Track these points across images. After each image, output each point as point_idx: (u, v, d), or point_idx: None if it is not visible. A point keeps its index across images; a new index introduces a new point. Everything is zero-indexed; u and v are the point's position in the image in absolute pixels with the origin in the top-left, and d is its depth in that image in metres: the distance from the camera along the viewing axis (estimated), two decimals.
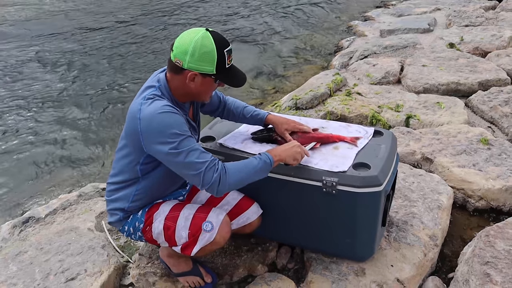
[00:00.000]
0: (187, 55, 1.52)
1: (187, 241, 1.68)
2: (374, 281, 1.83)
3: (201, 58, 1.53)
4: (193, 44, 1.51)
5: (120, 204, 1.74)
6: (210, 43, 1.52)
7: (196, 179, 1.54)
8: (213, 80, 1.60)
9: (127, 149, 1.66)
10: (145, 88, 1.63)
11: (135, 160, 1.65)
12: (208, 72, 1.56)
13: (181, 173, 1.57)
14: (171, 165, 1.56)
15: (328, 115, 3.41)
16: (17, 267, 2.07)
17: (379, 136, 1.95)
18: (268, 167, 1.64)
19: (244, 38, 6.24)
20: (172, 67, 1.59)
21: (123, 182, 1.72)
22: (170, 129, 1.50)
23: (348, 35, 5.86)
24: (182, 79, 1.58)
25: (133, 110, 1.58)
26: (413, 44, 4.79)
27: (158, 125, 1.50)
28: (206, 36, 1.53)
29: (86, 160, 3.68)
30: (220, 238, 1.67)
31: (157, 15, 7.43)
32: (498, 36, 4.60)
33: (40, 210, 2.56)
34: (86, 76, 5.28)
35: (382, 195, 1.69)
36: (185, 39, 1.54)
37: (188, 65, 1.54)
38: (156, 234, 1.72)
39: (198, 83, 1.58)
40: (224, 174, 1.55)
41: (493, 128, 3.14)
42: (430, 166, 2.67)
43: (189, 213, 1.71)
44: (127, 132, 1.63)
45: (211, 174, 1.53)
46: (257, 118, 1.98)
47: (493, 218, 2.34)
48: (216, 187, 1.54)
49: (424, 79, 3.76)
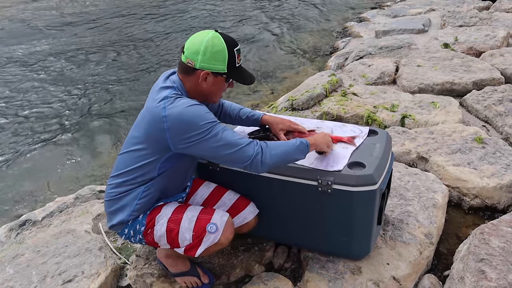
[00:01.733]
0: (199, 54, 1.57)
1: (191, 243, 1.68)
2: (371, 280, 1.84)
3: (212, 57, 1.58)
4: (205, 44, 1.57)
5: (126, 204, 1.71)
6: (220, 43, 1.58)
7: (238, 155, 1.57)
8: (224, 79, 1.64)
9: (146, 150, 1.65)
10: (161, 89, 1.64)
11: (157, 158, 1.64)
12: (220, 71, 1.60)
13: (222, 155, 1.58)
14: (210, 152, 1.58)
15: (324, 115, 3.42)
16: (14, 270, 2.07)
17: (374, 136, 1.97)
18: (306, 149, 1.68)
19: (240, 40, 6.26)
20: (183, 68, 1.63)
21: (134, 180, 1.69)
22: (201, 120, 1.54)
23: (344, 36, 5.88)
24: (194, 79, 1.62)
25: (154, 111, 1.58)
26: (408, 44, 4.82)
27: (189, 118, 1.54)
28: (216, 36, 1.59)
29: (83, 163, 3.68)
30: (224, 239, 1.68)
31: (152, 17, 7.45)
32: (492, 36, 4.64)
33: (37, 213, 2.56)
34: (82, 78, 5.28)
35: (377, 193, 1.70)
36: (196, 40, 1.59)
37: (200, 64, 1.58)
38: (158, 236, 1.72)
39: (210, 82, 1.63)
40: (266, 147, 1.60)
41: (487, 127, 3.16)
42: (425, 165, 2.68)
43: (192, 215, 1.71)
44: (148, 132, 1.62)
45: (252, 147, 1.57)
46: (253, 119, 2.00)
47: (488, 216, 2.36)
48: (260, 159, 1.57)
49: (419, 79, 3.78)
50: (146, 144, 1.65)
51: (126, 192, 1.71)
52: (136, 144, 1.68)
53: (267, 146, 1.61)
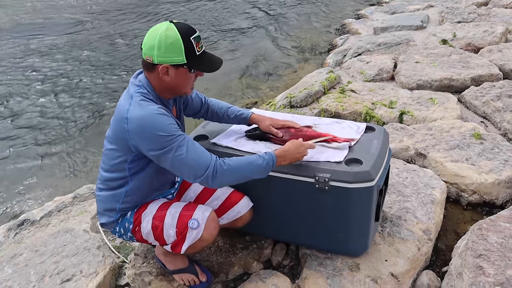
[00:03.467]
0: (154, 49, 1.54)
1: (175, 240, 1.68)
2: (369, 276, 1.84)
3: (168, 50, 1.53)
4: (158, 37, 1.53)
5: (111, 204, 1.74)
6: (174, 34, 1.53)
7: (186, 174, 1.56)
8: (186, 70, 1.59)
9: (114, 148, 1.66)
10: (128, 89, 1.65)
11: (123, 159, 1.64)
12: (178, 62, 1.56)
13: (173, 169, 1.58)
14: (162, 163, 1.57)
15: (322, 112, 3.42)
16: (13, 270, 2.06)
17: (371, 132, 1.97)
18: (269, 169, 1.66)
19: (237, 38, 6.25)
20: (145, 65, 1.61)
21: (112, 181, 1.71)
22: (158, 132, 1.51)
23: (342, 33, 5.87)
24: (156, 75, 1.59)
25: (120, 110, 1.59)
26: (406, 41, 4.81)
27: (146, 129, 1.52)
28: (169, 28, 1.54)
29: (81, 162, 3.68)
30: (207, 235, 1.67)
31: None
32: (490, 32, 4.62)
33: (35, 213, 2.56)
34: (80, 77, 5.28)
35: (374, 190, 1.70)
36: (151, 35, 1.56)
37: (157, 59, 1.55)
38: (145, 234, 1.73)
39: (173, 75, 1.59)
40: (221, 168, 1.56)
41: (485, 123, 3.16)
42: (423, 161, 2.68)
43: (175, 211, 1.71)
44: (114, 131, 1.63)
45: (205, 167, 1.54)
46: (241, 117, 1.99)
47: (486, 212, 2.36)
48: (209, 182, 1.56)
49: (417, 76, 3.77)
50: (115, 144, 1.65)
51: (110, 194, 1.73)
52: (109, 143, 1.69)
53: (224, 167, 1.57)
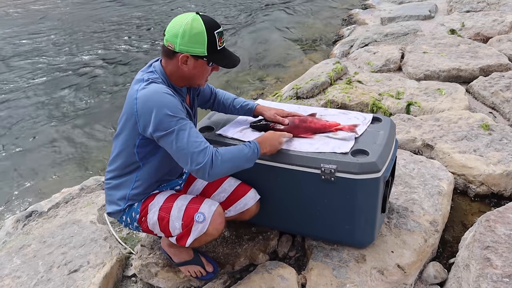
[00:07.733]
0: (177, 37, 1.56)
1: (181, 232, 1.69)
2: (375, 267, 1.84)
3: (191, 40, 1.56)
4: (183, 26, 1.55)
5: (121, 192, 1.74)
6: (200, 25, 1.56)
7: (187, 158, 1.54)
8: (205, 62, 1.62)
9: (124, 133, 1.66)
10: (140, 74, 1.67)
11: (132, 143, 1.65)
12: (199, 53, 1.58)
13: (173, 153, 1.58)
14: (164, 145, 1.58)
15: (329, 103, 3.40)
16: (21, 260, 2.09)
17: (377, 123, 1.95)
18: (255, 157, 1.68)
19: (244, 28, 6.22)
20: (165, 52, 1.63)
21: (123, 168, 1.72)
22: (164, 110, 1.52)
23: (349, 23, 5.81)
24: (175, 62, 1.61)
25: (130, 93, 1.61)
26: (414, 31, 4.75)
27: (153, 105, 1.53)
28: (196, 19, 1.57)
29: (88, 154, 3.70)
30: (213, 229, 1.67)
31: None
32: (500, 21, 4.55)
33: (43, 204, 2.59)
34: (85, 70, 5.28)
35: (380, 181, 1.69)
36: (176, 23, 1.58)
37: (179, 47, 1.57)
38: (151, 224, 1.73)
39: (191, 65, 1.61)
40: (217, 159, 1.56)
41: (494, 113, 3.12)
42: (431, 152, 2.66)
43: (182, 204, 1.71)
44: (125, 114, 1.64)
45: (202, 157, 1.53)
46: (247, 108, 2.01)
47: (494, 203, 2.34)
48: (207, 171, 1.54)
49: (425, 66, 3.73)
50: (125, 128, 1.66)
51: (120, 181, 1.74)
52: (119, 129, 1.69)
53: (218, 159, 1.56)
